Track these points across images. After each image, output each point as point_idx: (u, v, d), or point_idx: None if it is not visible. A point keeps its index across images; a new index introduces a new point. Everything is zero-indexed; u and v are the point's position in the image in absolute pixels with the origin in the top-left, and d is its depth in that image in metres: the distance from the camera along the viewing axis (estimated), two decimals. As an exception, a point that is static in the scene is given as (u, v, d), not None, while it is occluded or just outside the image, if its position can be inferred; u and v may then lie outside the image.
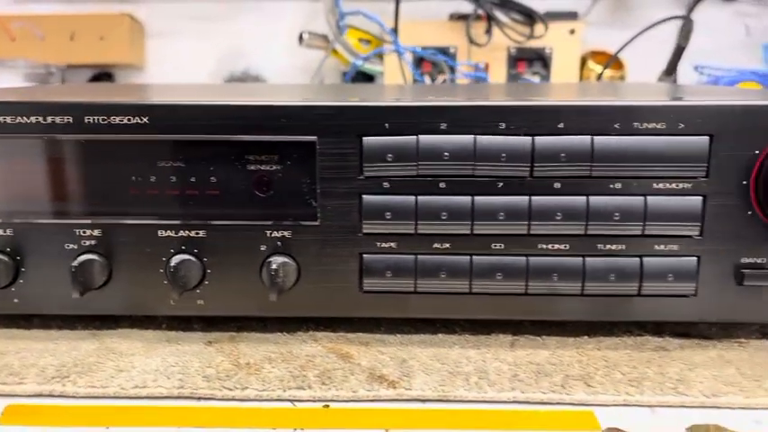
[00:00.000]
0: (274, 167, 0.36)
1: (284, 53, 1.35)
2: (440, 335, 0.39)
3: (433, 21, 1.29)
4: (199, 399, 0.33)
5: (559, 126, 0.35)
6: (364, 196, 0.36)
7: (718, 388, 0.33)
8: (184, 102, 0.36)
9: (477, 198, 0.36)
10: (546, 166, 0.35)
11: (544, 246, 0.36)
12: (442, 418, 0.31)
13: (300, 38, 1.28)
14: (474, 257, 0.36)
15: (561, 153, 0.35)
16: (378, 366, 0.35)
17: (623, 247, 0.36)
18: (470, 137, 0.35)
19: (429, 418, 0.31)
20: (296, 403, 0.32)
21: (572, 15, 1.30)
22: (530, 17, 1.23)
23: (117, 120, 0.35)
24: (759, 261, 0.36)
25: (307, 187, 0.36)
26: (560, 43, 1.27)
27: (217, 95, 0.43)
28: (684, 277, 0.36)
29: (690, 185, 0.35)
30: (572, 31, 1.27)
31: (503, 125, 0.35)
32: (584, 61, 1.34)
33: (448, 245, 0.36)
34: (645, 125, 0.34)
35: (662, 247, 0.36)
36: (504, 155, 0.35)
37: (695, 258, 0.36)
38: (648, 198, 0.35)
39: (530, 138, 0.35)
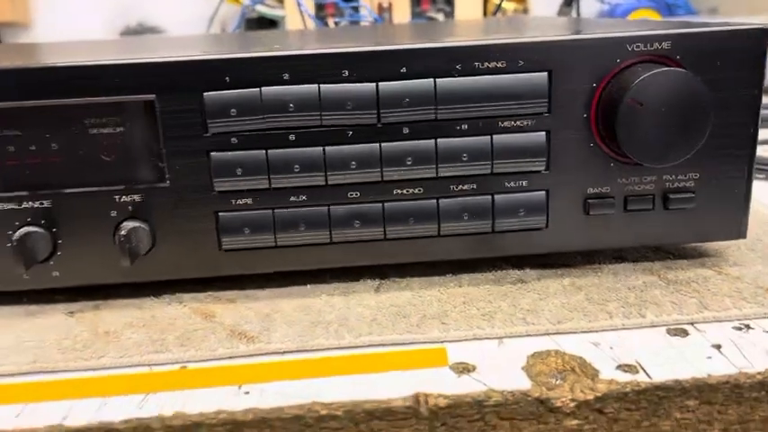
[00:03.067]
0: (117, 130, 0.35)
1: (181, 1, 1.30)
2: (309, 285, 0.39)
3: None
4: (53, 372, 0.32)
5: (402, 70, 0.35)
6: (212, 153, 0.35)
7: (564, 314, 0.34)
8: (10, 66, 0.34)
9: (328, 148, 0.35)
10: (392, 111, 0.35)
11: (398, 191, 0.36)
12: (296, 369, 0.32)
13: (195, -15, 1.23)
14: (331, 207, 0.36)
15: (405, 98, 0.35)
16: (240, 323, 0.35)
17: (474, 186, 0.37)
18: (314, 86, 0.34)
19: (284, 369, 0.32)
20: (153, 367, 0.32)
21: (473, -51, 1.29)
22: (429, -47, 1.21)
23: (-64, 90, 0.33)
24: (603, 191, 0.37)
25: (152, 148, 0.35)
26: (462, -22, 1.26)
27: (73, 55, 0.41)
28: (535, 211, 0.37)
29: (533, 122, 0.36)
30: (473, -34, 1.26)
31: (346, 72, 0.34)
32: (487, -5, 1.34)
33: (304, 197, 0.36)
34: (486, 65, 0.35)
35: (512, 183, 0.37)
36: (349, 103, 0.35)
37: (544, 192, 0.37)
38: (494, 137, 0.36)
39: (373, 84, 0.35)
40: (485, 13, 1.31)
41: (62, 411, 0.29)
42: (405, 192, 0.37)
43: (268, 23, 1.26)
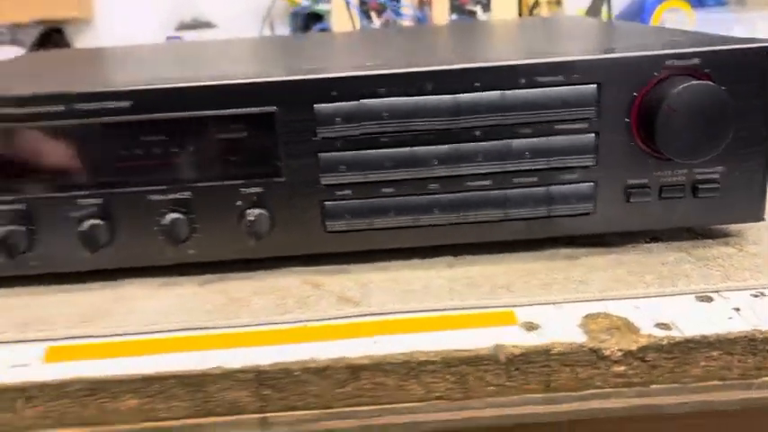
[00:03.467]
0: (243, 135, 0.43)
1: (233, -2, 1.38)
2: (394, 261, 0.47)
3: (376, -44, 1.32)
4: (201, 329, 0.40)
5: (476, 84, 0.42)
6: (320, 154, 0.43)
7: (610, 284, 0.42)
8: (161, 86, 0.42)
9: (415, 149, 0.43)
10: (467, 118, 0.42)
11: (471, 183, 0.44)
12: (396, 326, 0.40)
13: (248, -18, 1.30)
14: (415, 197, 0.44)
15: (478, 107, 0.42)
16: (344, 291, 0.43)
17: (535, 179, 0.44)
18: (404, 98, 0.42)
19: (386, 326, 0.40)
20: (280, 325, 0.40)
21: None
22: (468, -52, 1.27)
23: (106, 105, 0.42)
24: (642, 182, 0.44)
25: (271, 150, 0.43)
26: (499, -28, 1.32)
27: (182, 67, 0.49)
28: (584, 199, 0.44)
29: (584, 125, 0.43)
30: (510, -40, 1.32)
31: (430, 86, 0.42)
32: (523, -12, 1.39)
33: (394, 189, 0.44)
34: (545, 78, 0.42)
35: (565, 176, 0.44)
36: (433, 111, 0.42)
37: (592, 183, 0.44)
38: (552, 138, 0.43)
39: (452, 96, 0.42)
40: (520, 6, 1.37)
41: (221, 358, 0.37)
42: (476, 184, 0.44)
43: (314, 17, 1.34)
